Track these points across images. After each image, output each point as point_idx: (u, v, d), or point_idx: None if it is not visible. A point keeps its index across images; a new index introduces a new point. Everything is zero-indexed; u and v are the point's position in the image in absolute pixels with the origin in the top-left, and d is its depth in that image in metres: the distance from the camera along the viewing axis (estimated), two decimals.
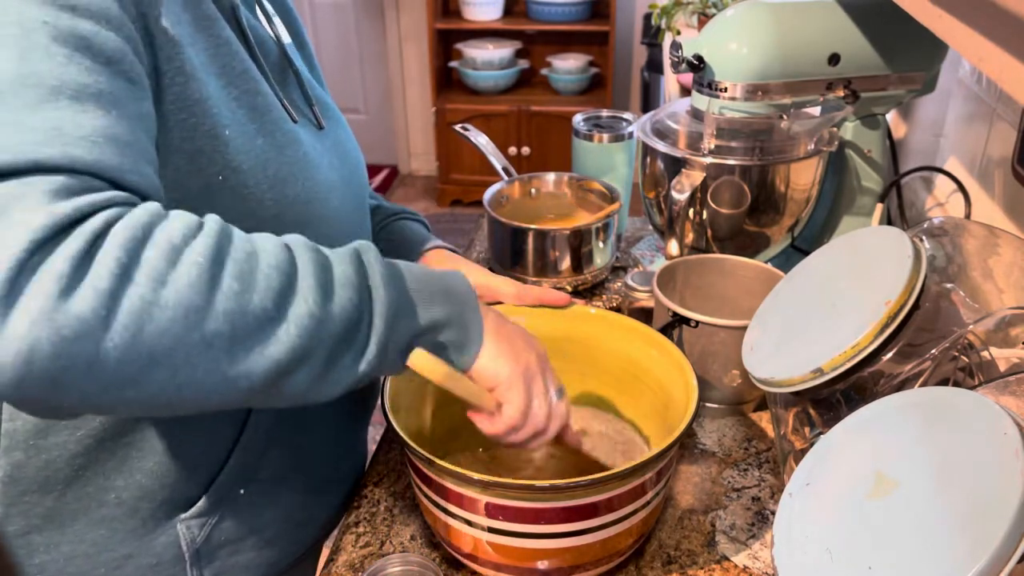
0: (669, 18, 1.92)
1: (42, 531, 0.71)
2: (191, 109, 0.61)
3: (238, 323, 0.51)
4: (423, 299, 0.62)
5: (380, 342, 0.59)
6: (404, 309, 0.60)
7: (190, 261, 0.50)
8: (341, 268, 0.58)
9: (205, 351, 0.50)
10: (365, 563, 0.77)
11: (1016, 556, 0.49)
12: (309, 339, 0.54)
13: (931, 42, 1.07)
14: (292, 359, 0.54)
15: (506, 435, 0.68)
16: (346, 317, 0.56)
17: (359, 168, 0.85)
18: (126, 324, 0.47)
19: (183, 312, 0.49)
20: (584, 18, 3.57)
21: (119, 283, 0.47)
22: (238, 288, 0.51)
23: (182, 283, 0.49)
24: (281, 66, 0.77)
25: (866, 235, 0.81)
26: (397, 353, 0.61)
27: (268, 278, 0.53)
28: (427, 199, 3.98)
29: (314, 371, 0.56)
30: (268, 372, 0.53)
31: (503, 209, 1.21)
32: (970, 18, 0.50)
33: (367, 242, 0.62)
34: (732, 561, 0.77)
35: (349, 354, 0.58)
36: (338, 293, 0.56)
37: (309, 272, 0.55)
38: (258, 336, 0.52)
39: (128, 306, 0.47)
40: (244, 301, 0.51)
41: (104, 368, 0.47)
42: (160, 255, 0.49)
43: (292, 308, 0.54)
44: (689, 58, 1.04)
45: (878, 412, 0.63)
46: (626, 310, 1.07)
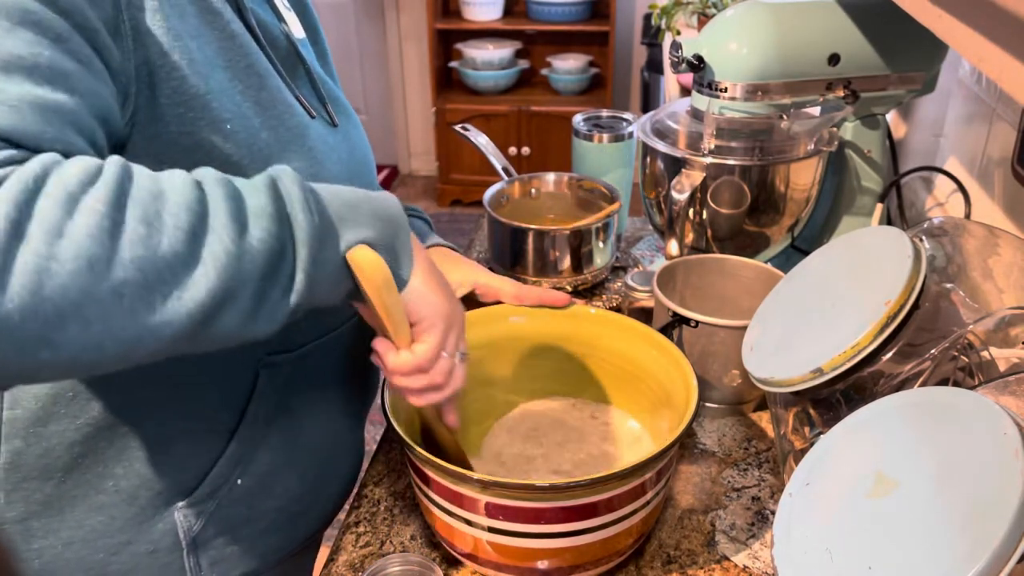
0: (669, 18, 1.92)
1: (41, 517, 0.71)
2: (189, 103, 0.61)
3: (148, 269, 0.48)
4: (348, 222, 0.59)
5: (307, 270, 0.56)
6: (328, 233, 0.57)
7: (88, 208, 0.47)
8: (256, 199, 0.55)
9: (117, 302, 0.48)
10: (365, 563, 0.77)
11: (1016, 556, 0.49)
12: (229, 278, 0.51)
13: (931, 42, 1.07)
14: (214, 301, 0.51)
15: (407, 374, 0.66)
16: (266, 250, 0.53)
17: (368, 165, 0.85)
18: (23, 283, 0.45)
19: (85, 264, 0.46)
20: (584, 18, 3.57)
21: (10, 240, 0.45)
22: (144, 232, 0.48)
23: (81, 233, 0.46)
24: (292, 62, 0.76)
25: (866, 235, 0.81)
26: (331, 277, 0.58)
27: (176, 218, 0.50)
28: (427, 199, 3.98)
29: (242, 310, 0.53)
30: (192, 317, 0.50)
31: (503, 209, 1.21)
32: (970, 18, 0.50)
33: (284, 166, 0.59)
34: (732, 561, 0.77)
35: (276, 288, 0.55)
36: (254, 225, 0.53)
37: (221, 208, 0.52)
38: (173, 281, 0.49)
39: (22, 264, 0.45)
40: (152, 245, 0.49)
41: (9, 330, 0.45)
42: (54, 205, 0.47)
43: (206, 247, 0.51)
44: (689, 58, 1.04)
45: (878, 412, 0.64)
46: (626, 310, 1.07)
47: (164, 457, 0.72)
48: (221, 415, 0.74)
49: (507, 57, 3.65)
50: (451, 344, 0.67)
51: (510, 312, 0.89)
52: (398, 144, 4.23)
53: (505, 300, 0.88)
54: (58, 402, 0.68)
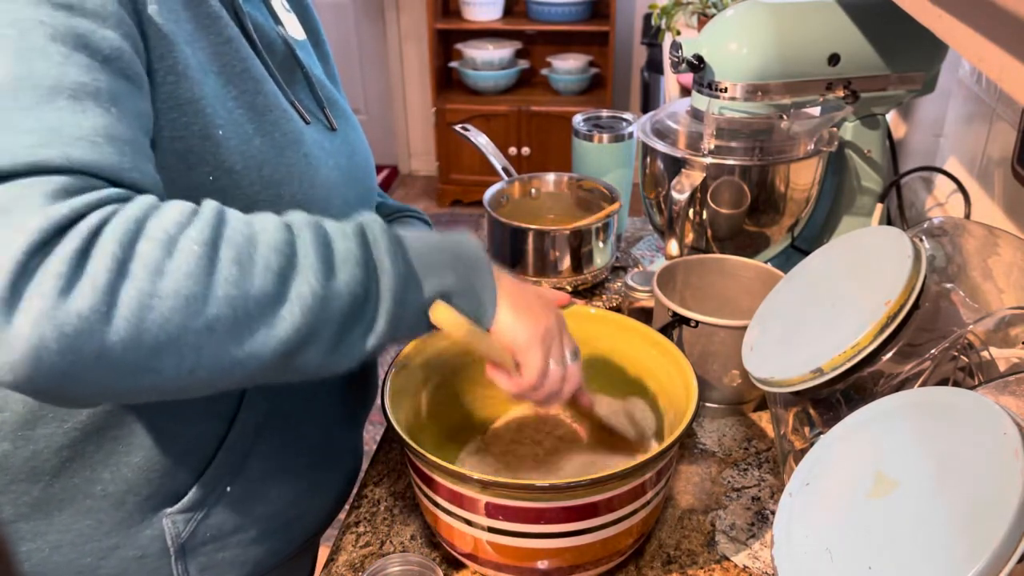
0: (669, 18, 1.92)
1: (29, 520, 0.71)
2: (182, 108, 0.62)
3: (239, 307, 0.52)
4: (431, 270, 0.62)
5: (389, 317, 0.59)
6: (412, 282, 0.60)
7: (186, 249, 0.51)
8: (344, 244, 0.57)
9: (209, 336, 0.51)
10: (365, 563, 0.77)
11: (1016, 556, 0.49)
12: (314, 318, 0.54)
13: (931, 42, 1.07)
14: (298, 338, 0.54)
15: (524, 395, 0.69)
16: (351, 293, 0.56)
17: (367, 170, 0.85)
18: (127, 317, 0.48)
19: (183, 301, 0.50)
20: (584, 18, 3.57)
21: (116, 278, 0.48)
22: (237, 272, 0.52)
23: (180, 272, 0.50)
24: (289, 66, 0.76)
25: (866, 235, 0.81)
26: (411, 322, 0.61)
27: (267, 259, 0.53)
28: (427, 199, 3.98)
29: (323, 348, 0.56)
30: (276, 352, 0.54)
31: (503, 209, 1.21)
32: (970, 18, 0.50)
33: (371, 214, 0.62)
34: (732, 561, 0.77)
35: (358, 330, 0.58)
36: (341, 269, 0.56)
37: (311, 251, 0.55)
38: (261, 318, 0.53)
39: (127, 300, 0.48)
40: (244, 285, 0.52)
41: (112, 360, 0.48)
42: (155, 246, 0.50)
43: (294, 288, 0.54)
44: (689, 58, 1.04)
45: (878, 412, 0.64)
46: (626, 310, 1.07)
47: (152, 463, 0.72)
48: (210, 422, 0.73)
49: (507, 57, 3.65)
50: (556, 354, 0.69)
51: None
52: (398, 144, 4.22)
53: None
54: (46, 406, 0.68)
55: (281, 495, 0.80)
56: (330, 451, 0.86)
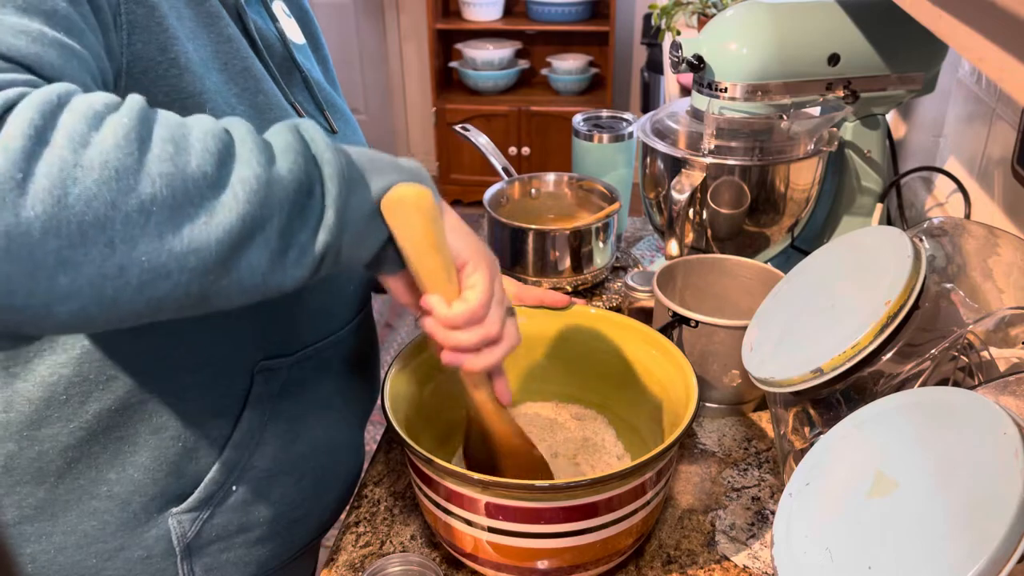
0: (669, 18, 1.92)
1: (34, 521, 0.71)
2: (184, 102, 0.61)
3: (177, 187, 0.46)
4: (373, 168, 0.57)
5: (336, 207, 0.53)
6: (354, 176, 0.55)
7: (114, 122, 0.45)
8: (282, 137, 0.53)
9: (144, 220, 0.45)
10: (365, 563, 0.77)
11: (1016, 556, 0.49)
12: (259, 205, 0.49)
13: (931, 42, 1.07)
14: (243, 228, 0.48)
15: (462, 326, 0.62)
16: (295, 179, 0.51)
17: None
18: (46, 187, 0.42)
19: (111, 173, 0.44)
20: (584, 18, 3.57)
21: (33, 144, 0.42)
22: (171, 150, 0.46)
23: (107, 144, 0.44)
24: (287, 68, 0.76)
25: (866, 235, 0.81)
26: (359, 223, 0.55)
27: (203, 142, 0.48)
28: None
29: (270, 244, 0.50)
30: (219, 243, 0.48)
31: (503, 209, 1.21)
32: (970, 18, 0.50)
33: (306, 118, 0.57)
34: (732, 561, 0.77)
35: (306, 223, 0.52)
36: (282, 157, 0.51)
37: (248, 139, 0.50)
38: (201, 202, 0.47)
39: (46, 168, 0.42)
40: (180, 163, 0.46)
41: (27, 242, 0.42)
42: (79, 118, 0.44)
43: (234, 172, 0.48)
44: (689, 58, 1.04)
45: (878, 412, 0.64)
46: (626, 310, 1.07)
47: (158, 463, 0.71)
48: (216, 421, 0.73)
49: (507, 57, 3.65)
50: (498, 290, 0.64)
51: None
52: (398, 144, 4.22)
53: None
54: (51, 405, 0.68)
55: (285, 495, 0.80)
56: (333, 451, 0.86)
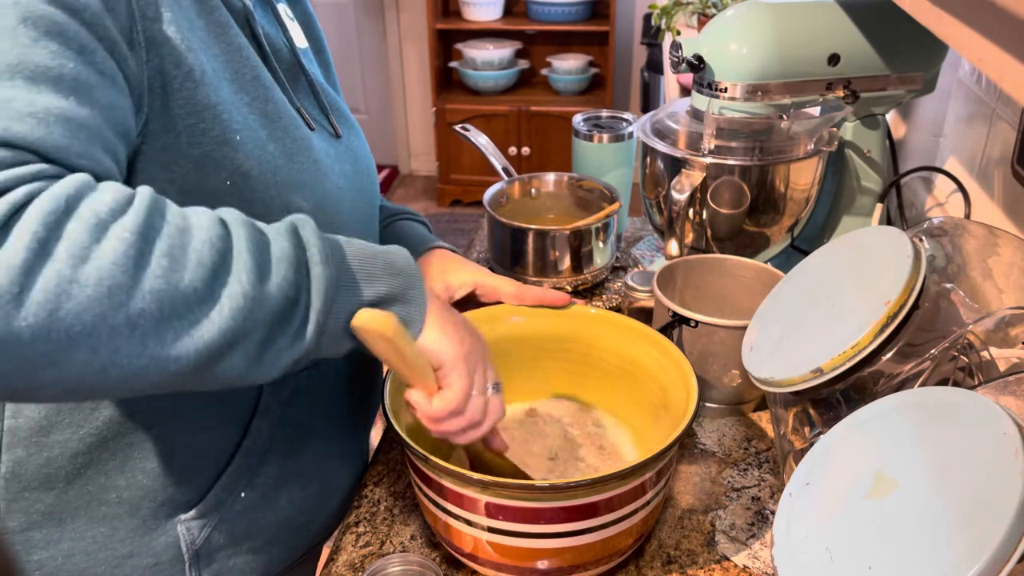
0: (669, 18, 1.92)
1: (42, 528, 0.71)
2: (200, 114, 0.61)
3: (166, 303, 0.48)
4: (364, 274, 0.59)
5: (318, 320, 0.56)
6: (344, 285, 0.58)
7: (116, 236, 0.47)
8: (278, 244, 0.55)
9: (129, 332, 0.48)
10: (365, 563, 0.77)
11: (1016, 556, 0.49)
12: (243, 320, 0.51)
13: (931, 42, 1.07)
14: (224, 341, 0.51)
15: (443, 419, 0.66)
16: (282, 296, 0.54)
17: (371, 176, 0.85)
18: (40, 301, 0.45)
19: (105, 290, 0.46)
20: (584, 18, 3.57)
21: (35, 258, 0.45)
22: (167, 265, 0.49)
23: (106, 260, 0.47)
24: (294, 73, 0.76)
25: (866, 235, 0.81)
26: (338, 331, 0.58)
27: (200, 255, 0.50)
28: (427, 199, 3.98)
29: (248, 353, 0.53)
30: (199, 354, 0.50)
31: (503, 209, 1.21)
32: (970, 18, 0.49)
33: (304, 216, 0.59)
34: (732, 561, 0.77)
35: (286, 335, 0.55)
36: (275, 271, 0.54)
37: (244, 248, 0.53)
38: (188, 317, 0.50)
39: (43, 283, 0.45)
40: (174, 280, 0.49)
41: (17, 346, 0.45)
42: (83, 228, 0.47)
43: (225, 287, 0.51)
44: (689, 58, 1.04)
45: (878, 412, 0.64)
46: (626, 310, 1.07)
47: (168, 469, 0.71)
48: (226, 428, 0.73)
49: (507, 57, 3.65)
50: (479, 382, 0.67)
51: (510, 312, 0.89)
52: (398, 144, 4.22)
53: (505, 300, 0.88)
54: (61, 411, 0.68)
55: (292, 501, 0.80)
56: (338, 457, 0.86)
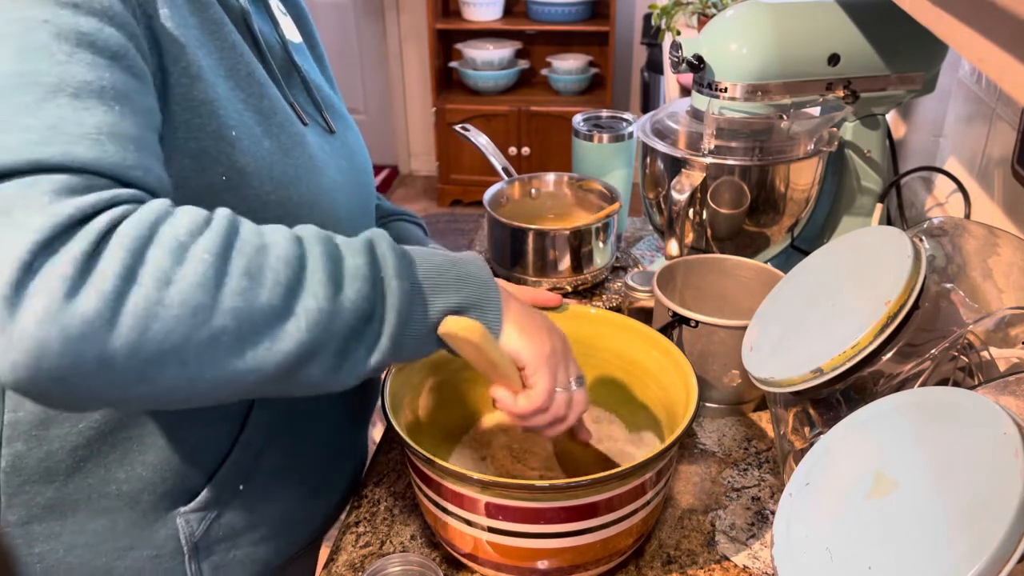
0: (669, 18, 1.92)
1: (43, 521, 0.71)
2: (197, 110, 0.62)
3: (244, 320, 0.51)
4: (438, 288, 0.61)
5: (392, 335, 0.58)
6: (417, 300, 0.60)
7: (196, 258, 0.50)
8: (353, 260, 0.57)
9: (213, 348, 0.51)
10: (365, 563, 0.77)
11: (1016, 556, 0.49)
12: (319, 334, 0.54)
13: (931, 42, 1.07)
14: (301, 353, 0.54)
15: (529, 417, 0.68)
16: (356, 310, 0.56)
17: (366, 172, 0.85)
18: (131, 325, 0.48)
19: (189, 311, 0.49)
20: (584, 18, 3.57)
21: (123, 284, 0.48)
22: (246, 285, 0.51)
23: (188, 282, 0.49)
24: (287, 69, 0.77)
25: (866, 235, 0.81)
26: (415, 341, 0.61)
27: (276, 272, 0.53)
28: (427, 199, 3.98)
29: (326, 364, 0.56)
30: (278, 366, 0.53)
31: (503, 209, 1.21)
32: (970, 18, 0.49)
33: (381, 231, 0.61)
34: (732, 561, 0.77)
35: (361, 347, 0.57)
36: (349, 286, 0.56)
37: (319, 265, 0.55)
38: (266, 332, 0.52)
39: (133, 307, 0.48)
40: (251, 297, 0.51)
41: (112, 366, 0.48)
42: (165, 254, 0.49)
43: (301, 303, 0.53)
44: (689, 58, 1.04)
45: (878, 412, 0.64)
46: (626, 310, 1.07)
47: (167, 462, 0.72)
48: (224, 422, 0.74)
49: (507, 57, 3.65)
50: (562, 378, 0.68)
51: None
52: (398, 144, 4.22)
53: None
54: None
55: (290, 494, 0.80)
56: (337, 450, 0.86)
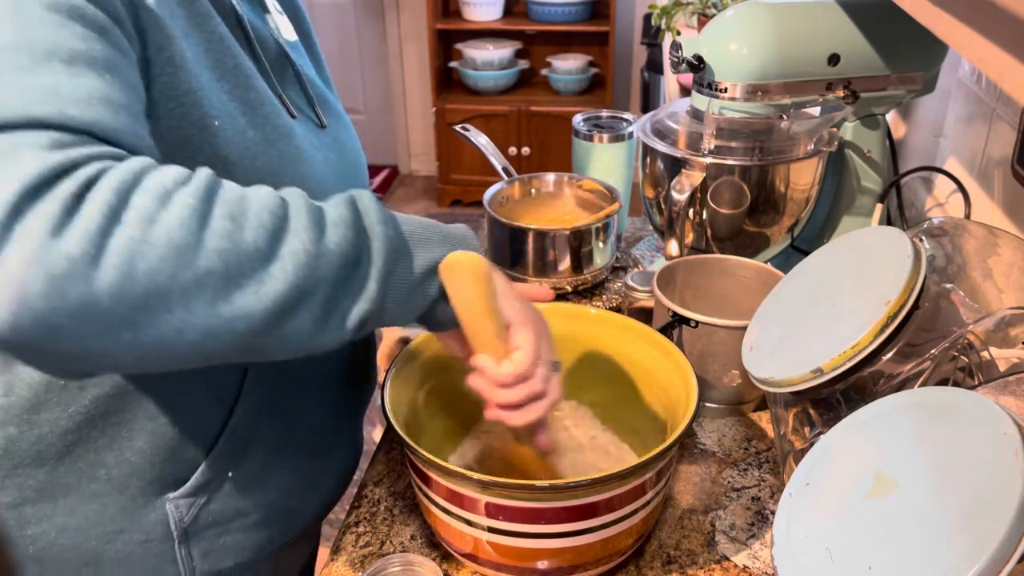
0: (669, 18, 1.92)
1: (35, 503, 0.72)
2: (179, 99, 0.63)
3: (231, 260, 0.52)
4: (423, 241, 0.62)
5: (380, 280, 0.58)
6: (402, 250, 0.61)
7: (180, 202, 0.51)
8: (335, 210, 0.58)
9: (199, 290, 0.51)
10: (365, 563, 0.77)
11: (1016, 556, 0.49)
12: (305, 277, 0.54)
13: (931, 42, 1.07)
14: (289, 298, 0.54)
15: (511, 385, 0.66)
16: (342, 254, 0.56)
17: (358, 167, 0.86)
18: (115, 263, 0.48)
19: (174, 250, 0.50)
20: (584, 18, 3.57)
21: (108, 223, 0.48)
22: (230, 227, 0.52)
23: (172, 223, 0.50)
24: (280, 64, 0.78)
25: (866, 235, 0.81)
26: (401, 294, 0.61)
27: (260, 217, 0.54)
28: (427, 199, 3.98)
29: (314, 312, 0.56)
30: (266, 312, 0.53)
31: (503, 209, 1.21)
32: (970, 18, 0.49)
33: (364, 191, 0.62)
34: (732, 561, 0.77)
35: (349, 294, 0.58)
36: (332, 231, 0.57)
37: (303, 213, 0.56)
38: (252, 274, 0.53)
39: (117, 246, 0.48)
40: (236, 239, 0.52)
41: (97, 308, 0.48)
42: (150, 198, 0.50)
43: (285, 245, 0.54)
44: (689, 58, 1.04)
45: (878, 412, 0.64)
46: (626, 310, 1.07)
47: (155, 448, 0.72)
48: (212, 409, 0.74)
49: (507, 57, 3.65)
50: (545, 350, 0.68)
51: None
52: (398, 144, 4.22)
53: None
54: (51, 390, 0.69)
55: (280, 483, 0.81)
56: (328, 441, 0.86)
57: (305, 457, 0.83)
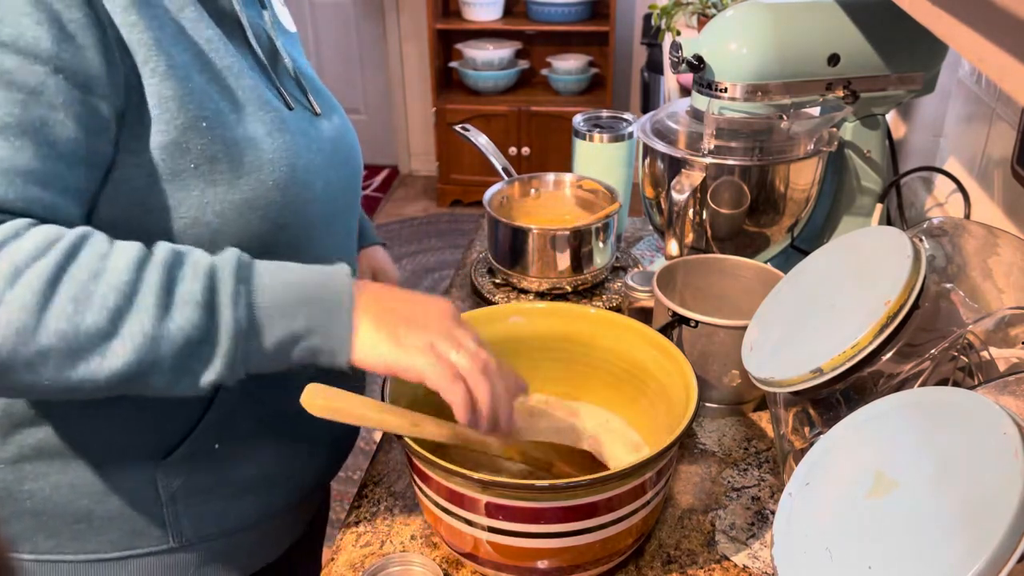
0: (669, 18, 1.92)
1: (32, 461, 0.76)
2: (165, 104, 0.66)
3: (70, 339, 0.58)
4: (277, 315, 0.64)
5: (227, 357, 0.62)
6: (253, 328, 0.63)
7: (27, 284, 0.57)
8: (188, 286, 0.62)
9: (43, 362, 0.58)
10: (365, 563, 0.77)
11: (1015, 556, 0.49)
12: (146, 354, 0.60)
13: (931, 42, 1.07)
14: (131, 371, 0.60)
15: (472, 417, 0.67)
16: (185, 336, 0.61)
17: (352, 154, 0.88)
18: None
19: (13, 331, 0.56)
20: (584, 18, 3.57)
21: None
22: (71, 309, 0.58)
23: (15, 305, 0.56)
24: (274, 56, 0.81)
25: (866, 235, 0.81)
26: (257, 363, 0.64)
27: (104, 298, 0.59)
28: (427, 199, 3.98)
29: (165, 378, 0.62)
30: (110, 380, 0.60)
31: (503, 209, 1.21)
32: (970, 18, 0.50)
33: (235, 252, 0.65)
34: (732, 561, 0.77)
35: (196, 366, 0.62)
36: (179, 311, 0.61)
37: (151, 292, 0.60)
38: (93, 349, 0.59)
39: None
40: (76, 320, 0.58)
41: None
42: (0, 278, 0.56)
43: (127, 325, 0.59)
44: (689, 58, 1.04)
45: (878, 412, 0.64)
46: (626, 310, 1.07)
47: (142, 417, 0.75)
48: None
49: (507, 57, 3.65)
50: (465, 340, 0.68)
51: (510, 312, 0.89)
52: (398, 144, 4.22)
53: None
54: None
55: (267, 454, 0.83)
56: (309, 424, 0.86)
57: (290, 430, 0.84)
